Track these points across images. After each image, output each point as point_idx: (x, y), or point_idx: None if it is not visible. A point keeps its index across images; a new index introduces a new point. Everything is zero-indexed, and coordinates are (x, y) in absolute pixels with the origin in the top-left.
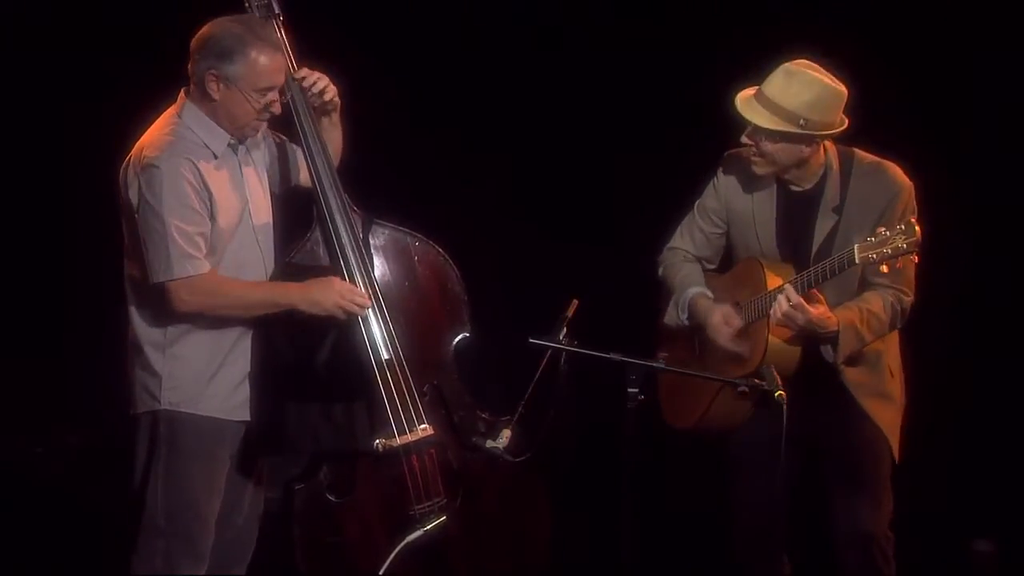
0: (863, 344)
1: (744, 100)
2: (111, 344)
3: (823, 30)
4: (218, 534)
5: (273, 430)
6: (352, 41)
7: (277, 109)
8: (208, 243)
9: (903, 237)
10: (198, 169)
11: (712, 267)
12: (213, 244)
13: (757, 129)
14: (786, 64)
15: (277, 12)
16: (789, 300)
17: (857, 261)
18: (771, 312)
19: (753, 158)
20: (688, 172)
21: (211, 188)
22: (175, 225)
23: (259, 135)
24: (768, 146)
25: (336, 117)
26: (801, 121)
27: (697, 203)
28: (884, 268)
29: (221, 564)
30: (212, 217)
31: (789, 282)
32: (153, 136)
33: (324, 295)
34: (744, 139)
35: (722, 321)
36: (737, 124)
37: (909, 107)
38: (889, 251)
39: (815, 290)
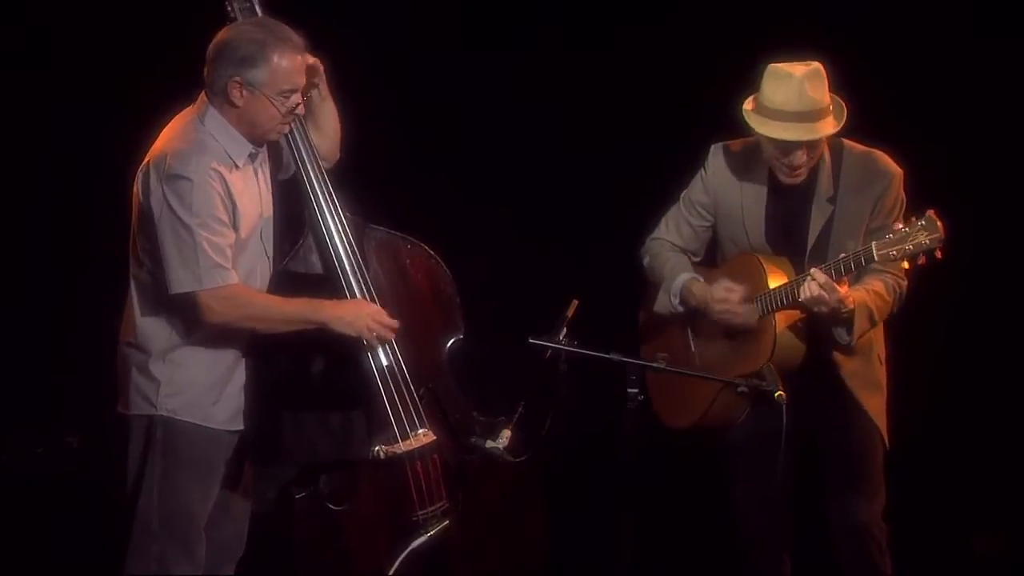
0: (872, 326)
1: (795, 129)
2: (112, 343)
3: (818, 27)
4: (209, 534)
5: (269, 439)
6: (341, 44)
7: (302, 111)
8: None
9: (926, 233)
10: (225, 181)
11: (697, 260)
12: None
13: (820, 139)
14: (793, 76)
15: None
16: (818, 280)
17: (876, 258)
18: (800, 292)
19: (798, 171)
20: (687, 170)
21: (235, 199)
22: (205, 237)
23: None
24: (824, 145)
25: (324, 88)
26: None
27: (683, 195)
28: (905, 264)
29: (212, 564)
30: (235, 228)
31: (819, 268)
32: (176, 143)
33: (356, 316)
34: (802, 159)
35: (725, 292)
36: (732, 124)
37: (900, 99)
38: (911, 247)
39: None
